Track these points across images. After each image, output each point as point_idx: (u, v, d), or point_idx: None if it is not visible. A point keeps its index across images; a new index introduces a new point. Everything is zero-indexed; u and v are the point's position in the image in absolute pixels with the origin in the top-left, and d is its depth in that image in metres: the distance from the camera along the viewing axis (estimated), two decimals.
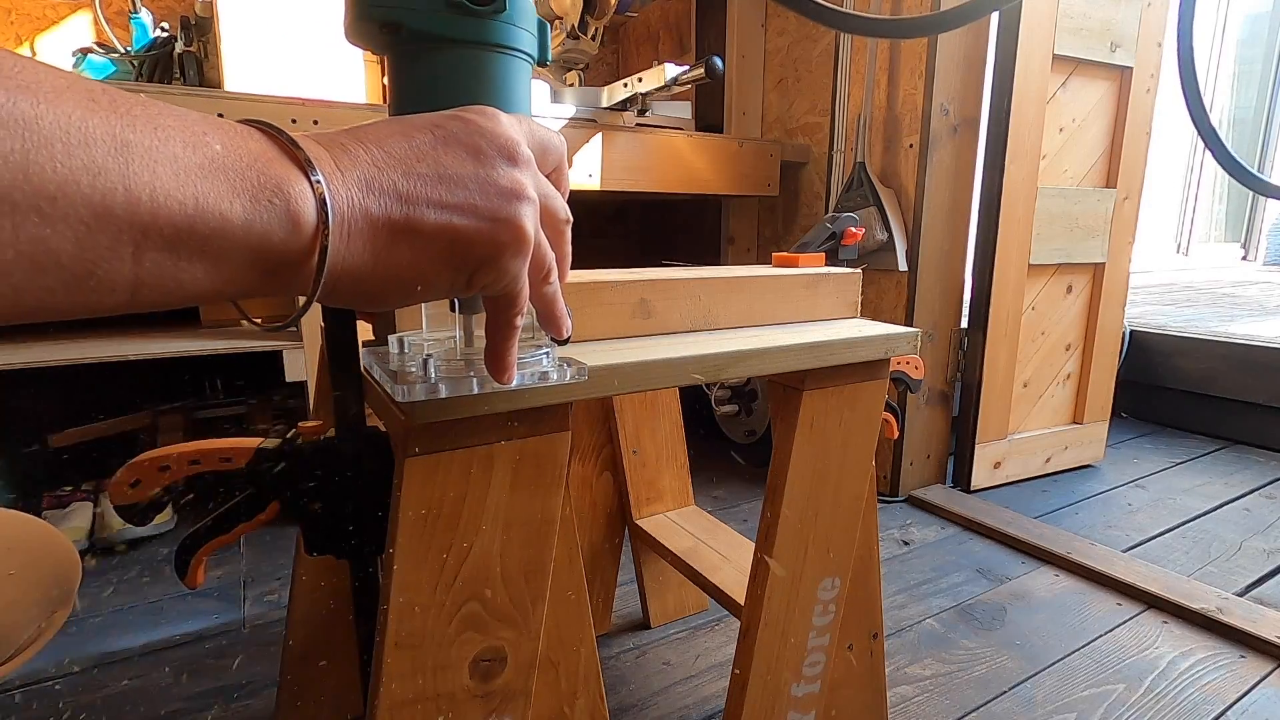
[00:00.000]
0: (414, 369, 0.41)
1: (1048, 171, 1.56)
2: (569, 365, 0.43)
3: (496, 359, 0.36)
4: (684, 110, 1.57)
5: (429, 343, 0.45)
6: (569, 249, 0.37)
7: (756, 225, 1.93)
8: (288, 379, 1.27)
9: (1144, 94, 1.63)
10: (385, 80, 0.38)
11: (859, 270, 0.70)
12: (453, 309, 0.42)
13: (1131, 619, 1.12)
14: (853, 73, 1.55)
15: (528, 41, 0.37)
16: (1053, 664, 1.01)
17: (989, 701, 0.93)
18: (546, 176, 0.35)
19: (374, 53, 0.38)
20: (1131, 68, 1.59)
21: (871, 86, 1.51)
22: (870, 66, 1.50)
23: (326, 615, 0.78)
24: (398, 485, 0.44)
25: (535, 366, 0.41)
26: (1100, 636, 1.08)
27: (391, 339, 0.44)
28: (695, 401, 1.82)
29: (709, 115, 1.92)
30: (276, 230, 0.26)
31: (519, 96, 0.38)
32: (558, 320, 0.38)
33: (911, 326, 0.64)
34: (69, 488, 1.36)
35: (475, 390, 0.40)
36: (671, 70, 1.32)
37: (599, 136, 1.39)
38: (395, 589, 0.45)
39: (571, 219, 0.36)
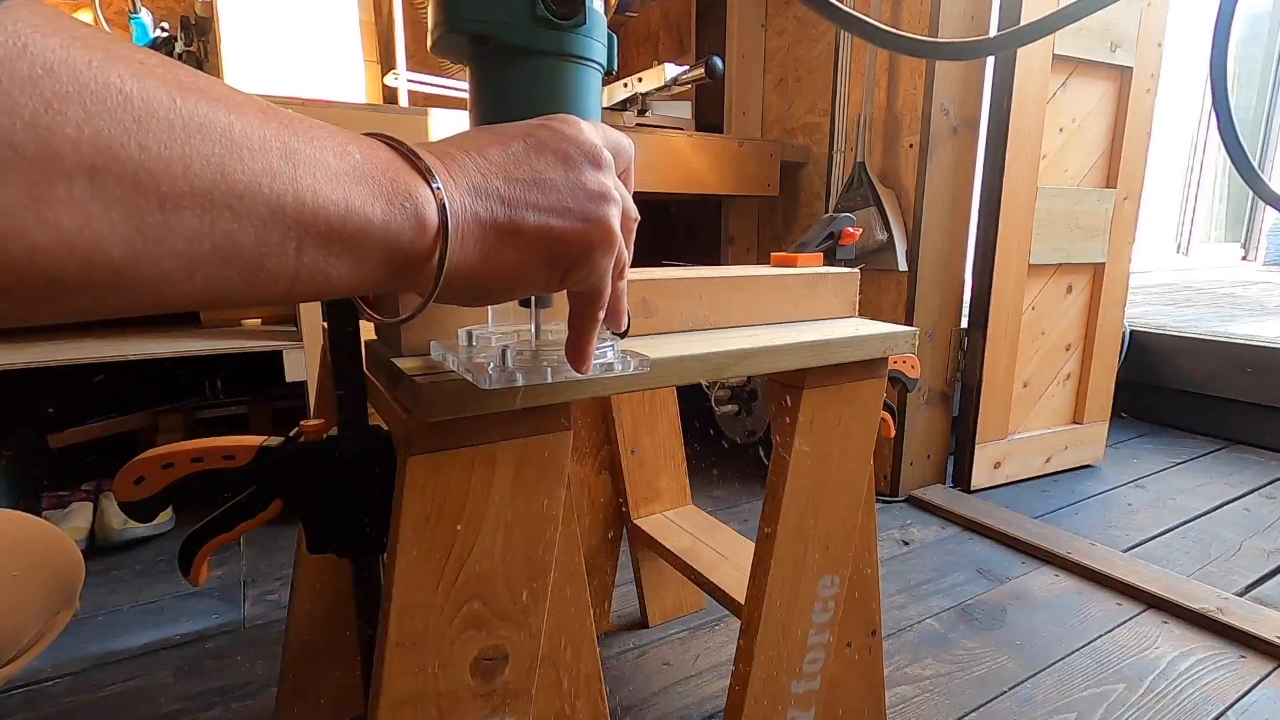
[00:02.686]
0: (484, 360, 0.43)
1: (1048, 171, 1.56)
2: (631, 357, 0.45)
3: (578, 350, 0.38)
4: (684, 110, 1.58)
5: (496, 336, 0.46)
6: (631, 246, 0.39)
7: (756, 225, 1.93)
8: (288, 379, 1.27)
9: (1144, 94, 1.63)
10: (470, 89, 0.41)
11: (857, 270, 0.70)
12: (524, 305, 0.44)
13: (1131, 619, 1.12)
14: (853, 73, 1.55)
15: (600, 52, 0.39)
16: (1053, 664, 1.01)
17: (989, 701, 0.93)
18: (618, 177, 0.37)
19: (457, 63, 0.40)
20: (1131, 68, 1.59)
21: (871, 86, 1.51)
22: (870, 66, 1.50)
23: (327, 615, 0.78)
24: (400, 484, 0.45)
25: (600, 358, 0.43)
26: (1100, 636, 1.08)
27: (461, 332, 0.46)
28: (695, 401, 1.82)
29: (709, 115, 1.92)
30: (407, 231, 0.29)
31: (593, 104, 0.40)
32: (621, 314, 0.40)
33: (911, 326, 0.64)
34: (69, 489, 1.37)
35: (549, 380, 0.41)
36: (671, 70, 1.32)
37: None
38: (397, 588, 0.45)
39: (639, 218, 0.39)
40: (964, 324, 1.60)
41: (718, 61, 1.27)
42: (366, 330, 0.54)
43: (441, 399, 0.41)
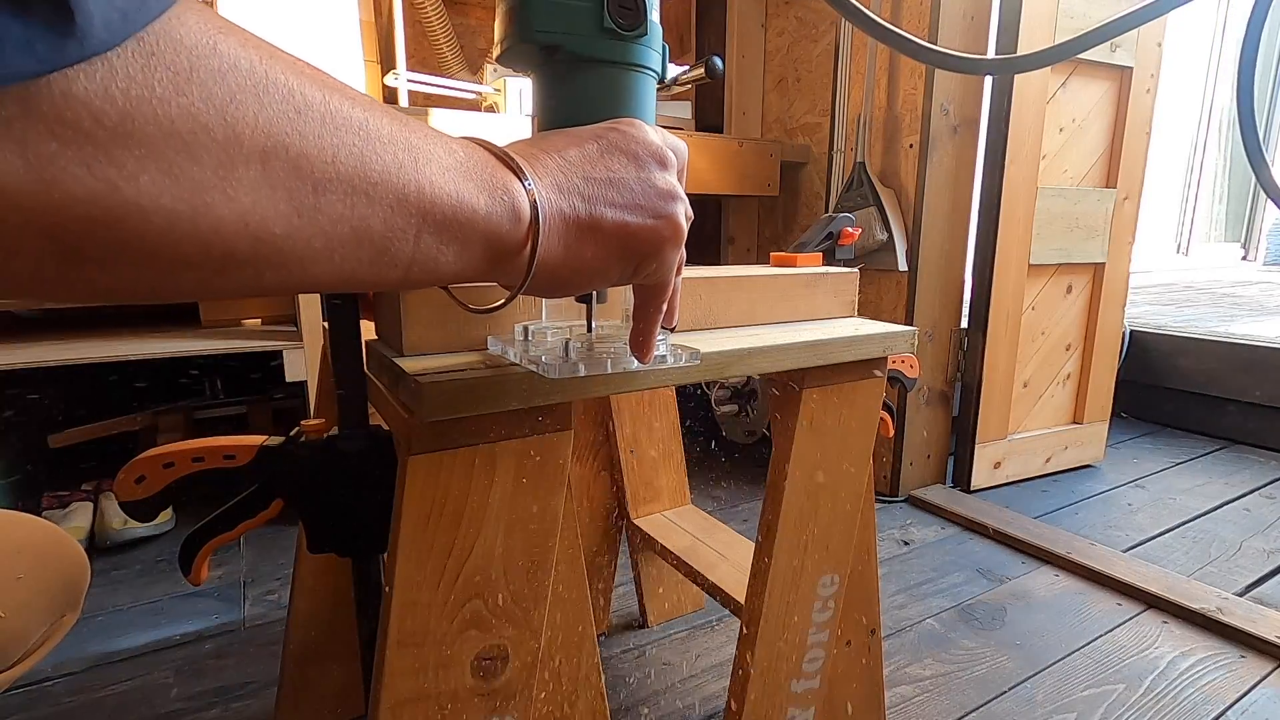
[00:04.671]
0: (538, 352, 0.44)
1: (1048, 171, 1.56)
2: (682, 351, 0.46)
3: (643, 340, 0.41)
4: (684, 110, 1.58)
5: (551, 331, 0.48)
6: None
7: (756, 225, 1.93)
8: (288, 379, 1.27)
9: (1144, 94, 1.63)
10: (534, 95, 0.43)
11: (856, 270, 0.70)
12: (579, 301, 0.46)
13: (1131, 619, 1.13)
14: (853, 73, 1.55)
15: (658, 61, 0.42)
16: (1053, 664, 1.01)
17: (989, 701, 0.93)
18: None
19: (522, 71, 0.43)
20: (1131, 68, 1.59)
21: (871, 86, 1.51)
22: (870, 66, 1.50)
23: (327, 615, 0.78)
24: (400, 483, 0.45)
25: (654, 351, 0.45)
26: (1100, 636, 1.08)
27: (517, 327, 0.48)
28: (694, 401, 1.82)
29: (709, 115, 1.92)
30: (505, 223, 0.31)
31: (650, 109, 0.43)
32: (675, 309, 0.43)
33: (911, 326, 0.65)
34: (69, 489, 1.37)
35: (609, 370, 0.43)
36: (671, 70, 1.32)
37: None
38: (397, 587, 0.45)
39: (693, 216, 0.40)
40: (964, 324, 1.60)
41: (718, 61, 1.26)
42: (366, 330, 0.54)
43: (442, 399, 0.41)
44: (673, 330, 0.46)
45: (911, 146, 1.46)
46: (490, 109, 1.52)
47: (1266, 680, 0.98)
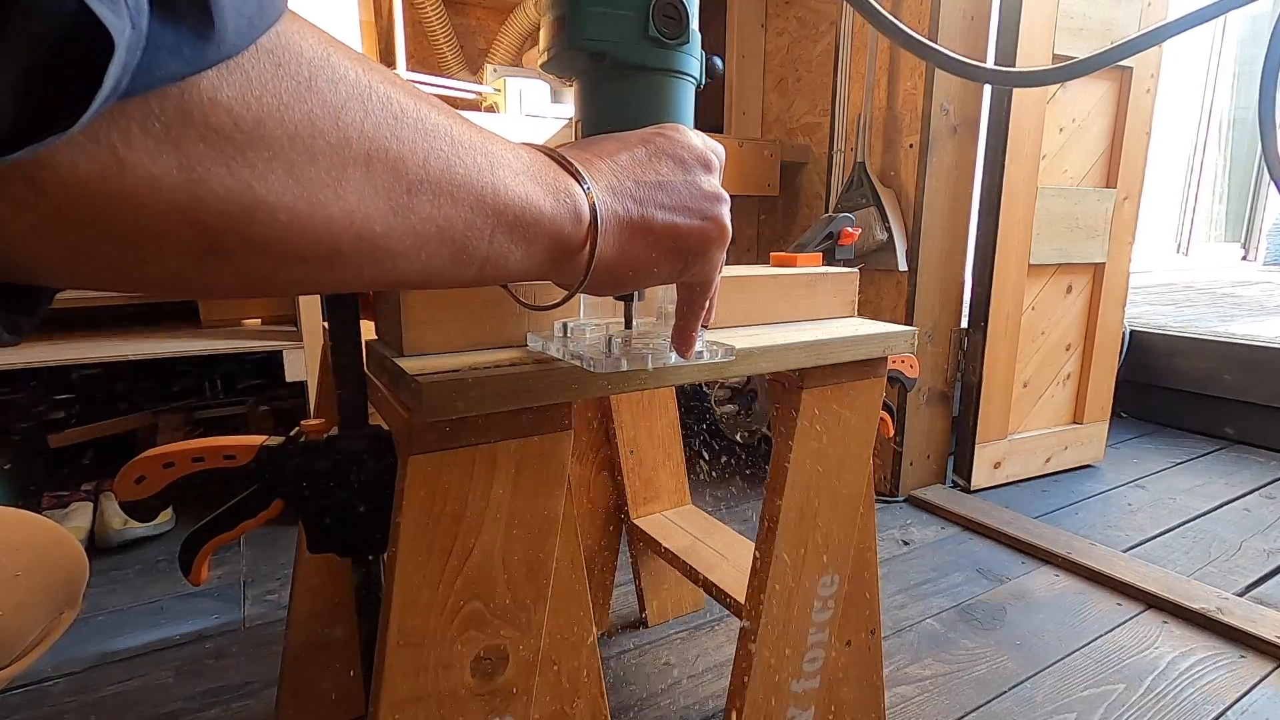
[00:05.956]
0: (579, 348, 0.46)
1: (1048, 171, 1.56)
2: (718, 347, 0.48)
3: (685, 336, 0.42)
4: None
5: (590, 328, 0.49)
6: None
7: (757, 225, 1.93)
8: (288, 379, 1.27)
9: (1144, 94, 1.63)
10: (578, 101, 0.44)
11: (856, 270, 0.70)
12: (619, 299, 0.47)
13: (1131, 619, 1.13)
14: (853, 73, 1.55)
15: (697, 68, 0.44)
16: (1053, 664, 1.01)
17: (989, 701, 0.93)
18: None
19: (565, 77, 0.44)
20: (1131, 68, 1.59)
21: (871, 86, 1.51)
22: (870, 66, 1.50)
23: (327, 615, 0.78)
24: (401, 484, 0.45)
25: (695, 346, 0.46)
26: (1100, 636, 1.08)
27: (556, 324, 0.50)
28: (695, 401, 1.83)
29: (709, 115, 1.92)
30: (567, 223, 0.32)
31: (690, 114, 0.45)
32: (713, 307, 0.44)
33: (911, 326, 0.65)
34: (69, 489, 1.36)
35: (649, 365, 0.45)
36: None
37: None
38: (397, 587, 0.45)
39: None
40: (964, 324, 1.60)
41: (718, 61, 1.26)
42: (366, 330, 0.54)
43: (442, 399, 0.41)
44: (706, 327, 0.47)
45: (911, 146, 1.46)
46: (490, 109, 1.52)
47: (1266, 680, 0.98)
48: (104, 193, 0.19)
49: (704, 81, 0.45)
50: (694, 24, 0.42)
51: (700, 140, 0.39)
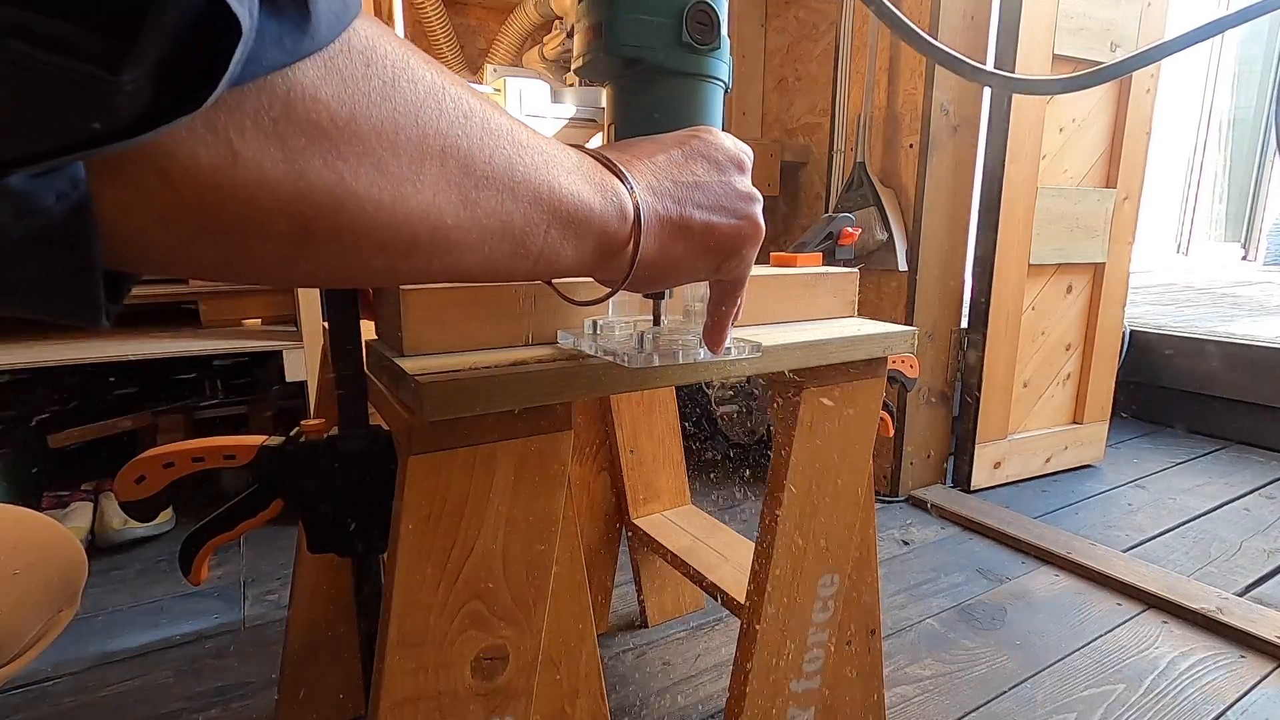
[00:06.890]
0: (609, 345, 0.47)
1: (1048, 171, 1.56)
2: (745, 344, 0.48)
3: (717, 332, 0.43)
4: None
5: (619, 325, 0.50)
6: None
7: None
8: (288, 379, 1.27)
9: (1144, 94, 1.63)
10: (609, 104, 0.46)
11: (856, 270, 0.70)
12: (647, 296, 0.48)
13: (1131, 619, 1.13)
14: (853, 72, 1.55)
15: (727, 73, 0.45)
16: (1053, 664, 1.01)
17: (989, 701, 0.93)
18: None
19: (600, 82, 0.45)
20: None
21: (871, 86, 1.51)
22: (870, 66, 1.50)
23: (327, 615, 0.78)
24: (401, 483, 0.45)
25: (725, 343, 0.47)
26: (1100, 636, 1.08)
27: (586, 323, 0.51)
28: (695, 401, 1.82)
29: None
30: (613, 221, 0.33)
31: (720, 117, 0.45)
32: (742, 306, 0.45)
33: (911, 326, 0.65)
34: (69, 489, 1.36)
35: (679, 360, 0.45)
36: None
37: (599, 137, 1.39)
38: (398, 587, 0.45)
39: None
40: (964, 324, 1.60)
41: None
42: (366, 330, 0.54)
43: (442, 399, 0.41)
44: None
45: (911, 146, 1.46)
46: None
47: (1266, 680, 0.98)
48: (220, 184, 0.20)
49: (730, 85, 0.46)
50: (724, 30, 0.43)
51: (732, 142, 0.40)
